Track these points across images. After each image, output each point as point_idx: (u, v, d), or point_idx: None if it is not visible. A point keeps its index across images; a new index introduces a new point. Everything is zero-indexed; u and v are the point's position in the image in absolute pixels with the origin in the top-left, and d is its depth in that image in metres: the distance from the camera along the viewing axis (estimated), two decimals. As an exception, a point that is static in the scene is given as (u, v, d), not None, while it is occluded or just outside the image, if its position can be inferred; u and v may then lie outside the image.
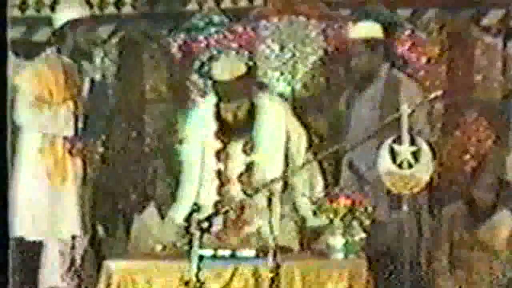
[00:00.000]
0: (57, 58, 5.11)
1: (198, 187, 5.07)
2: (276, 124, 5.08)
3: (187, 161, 5.24)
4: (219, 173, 5.05)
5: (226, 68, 5.08)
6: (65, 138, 5.01)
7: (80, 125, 5.03)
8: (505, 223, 4.97)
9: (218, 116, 5.11)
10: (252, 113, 5.10)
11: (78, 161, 5.05)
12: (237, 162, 5.05)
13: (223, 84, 5.04)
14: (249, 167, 5.03)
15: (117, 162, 5.95)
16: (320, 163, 5.38)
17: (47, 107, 4.95)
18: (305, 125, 5.52)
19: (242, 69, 5.09)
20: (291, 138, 5.13)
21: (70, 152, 5.01)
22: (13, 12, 5.84)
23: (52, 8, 5.73)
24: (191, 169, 5.16)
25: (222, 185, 5.04)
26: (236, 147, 5.08)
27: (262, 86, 5.58)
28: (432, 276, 5.08)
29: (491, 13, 5.90)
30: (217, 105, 5.13)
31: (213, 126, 5.10)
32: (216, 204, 4.93)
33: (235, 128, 5.09)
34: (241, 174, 5.04)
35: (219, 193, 5.03)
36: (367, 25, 5.52)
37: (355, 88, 5.46)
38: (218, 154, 5.08)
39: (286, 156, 5.09)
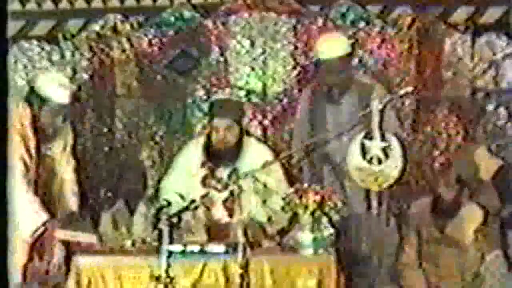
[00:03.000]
0: None
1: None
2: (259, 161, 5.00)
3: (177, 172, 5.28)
4: (203, 197, 5.08)
5: None
6: None
7: None
8: (472, 218, 5.00)
9: (207, 144, 5.17)
10: (240, 141, 5.14)
11: None
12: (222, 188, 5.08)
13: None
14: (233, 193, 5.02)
15: (87, 157, 5.92)
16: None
17: None
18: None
19: None
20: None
21: None
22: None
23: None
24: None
25: (207, 209, 5.09)
26: (222, 173, 5.10)
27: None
28: (400, 269, 5.11)
29: (459, 10, 5.96)
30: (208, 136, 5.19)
31: (201, 157, 5.15)
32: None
33: (223, 155, 5.12)
34: (226, 200, 5.07)
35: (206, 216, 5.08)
36: (335, 42, 5.35)
37: (329, 101, 5.36)
38: (204, 180, 5.11)
39: None
